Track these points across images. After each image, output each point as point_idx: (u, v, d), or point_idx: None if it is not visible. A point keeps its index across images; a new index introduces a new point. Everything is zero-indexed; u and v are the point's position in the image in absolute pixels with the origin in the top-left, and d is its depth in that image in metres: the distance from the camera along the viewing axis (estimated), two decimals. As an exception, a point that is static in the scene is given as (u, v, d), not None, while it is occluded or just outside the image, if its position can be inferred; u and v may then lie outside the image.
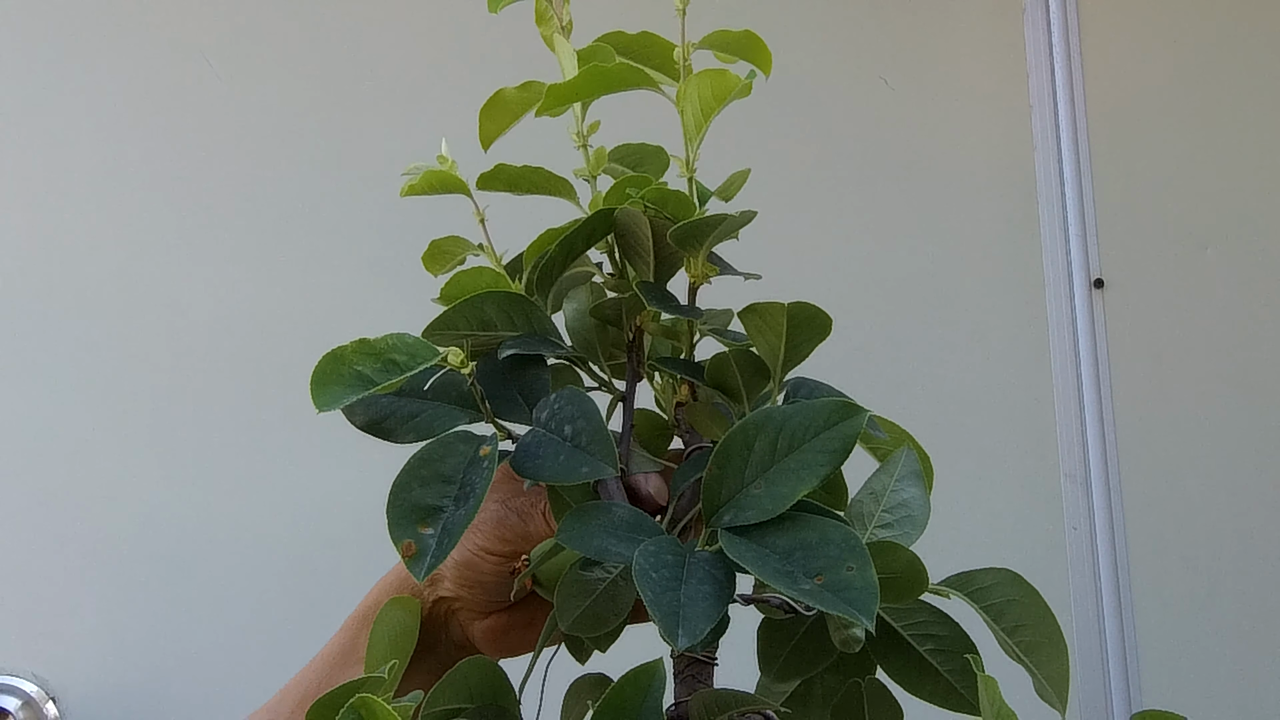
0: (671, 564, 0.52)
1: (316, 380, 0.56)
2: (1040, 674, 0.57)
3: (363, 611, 0.72)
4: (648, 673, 0.53)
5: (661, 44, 0.63)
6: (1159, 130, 2.04)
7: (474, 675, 0.64)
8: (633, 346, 0.64)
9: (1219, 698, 1.90)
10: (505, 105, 0.62)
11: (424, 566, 0.54)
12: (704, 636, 0.49)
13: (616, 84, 0.61)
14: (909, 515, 0.60)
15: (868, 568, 0.50)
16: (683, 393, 0.64)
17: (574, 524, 0.56)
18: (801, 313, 0.60)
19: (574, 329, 0.65)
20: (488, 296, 0.60)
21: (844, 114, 1.98)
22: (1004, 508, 1.90)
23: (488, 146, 0.64)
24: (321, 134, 1.79)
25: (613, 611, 0.63)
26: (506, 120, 0.63)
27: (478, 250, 0.65)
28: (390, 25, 1.85)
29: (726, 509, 0.55)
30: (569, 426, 0.58)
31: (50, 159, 1.72)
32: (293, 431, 1.69)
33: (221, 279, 1.73)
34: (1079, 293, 1.96)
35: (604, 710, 0.52)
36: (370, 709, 0.51)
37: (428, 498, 0.56)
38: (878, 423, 0.64)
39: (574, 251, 0.62)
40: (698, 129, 0.61)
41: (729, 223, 0.59)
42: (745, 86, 0.59)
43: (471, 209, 0.64)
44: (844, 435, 0.54)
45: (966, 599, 0.58)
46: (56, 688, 1.58)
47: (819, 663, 0.62)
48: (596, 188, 0.65)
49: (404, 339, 0.58)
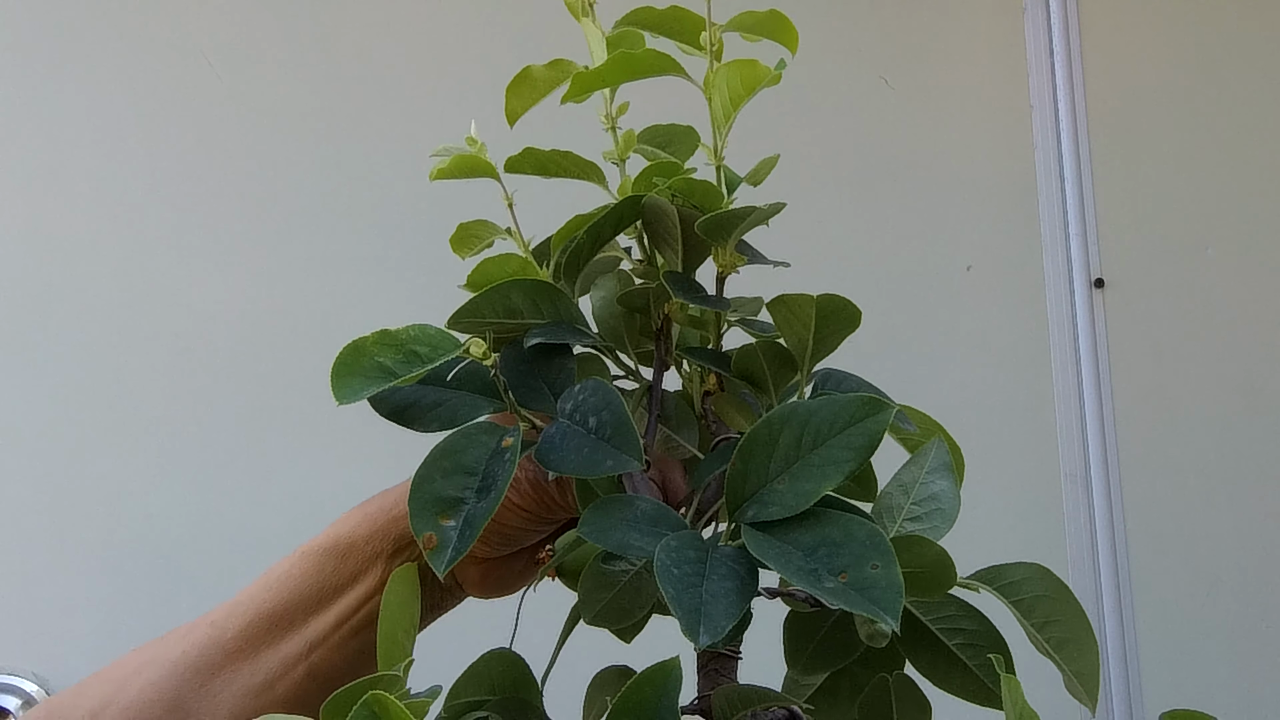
0: (694, 560, 0.52)
1: (337, 372, 0.55)
2: (1070, 670, 0.56)
3: (332, 543, 0.69)
4: (664, 671, 0.53)
5: (691, 18, 0.62)
6: (1159, 130, 2.05)
7: (496, 667, 0.63)
8: (660, 335, 0.63)
9: (1219, 698, 1.90)
10: (532, 82, 0.61)
11: (444, 559, 0.54)
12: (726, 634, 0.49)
13: (644, 71, 0.60)
14: (939, 508, 0.59)
15: (892, 566, 0.49)
16: (710, 382, 0.64)
17: (596, 517, 0.55)
18: (830, 305, 0.60)
19: (601, 317, 0.65)
20: (514, 284, 0.60)
21: (844, 114, 1.98)
22: (1004, 508, 1.90)
23: (514, 123, 0.63)
24: (321, 134, 1.79)
25: (637, 604, 0.62)
26: (534, 97, 0.62)
27: (505, 234, 0.64)
28: (391, 25, 1.84)
29: (750, 504, 0.54)
30: (593, 418, 0.57)
31: (50, 159, 1.71)
32: (293, 431, 1.68)
33: (222, 279, 1.72)
34: (1079, 293, 1.96)
35: (620, 709, 0.52)
36: (384, 706, 0.50)
37: (449, 489, 0.56)
38: (907, 414, 0.64)
39: (602, 238, 0.61)
40: (726, 118, 0.61)
41: (756, 214, 0.59)
42: (775, 76, 0.59)
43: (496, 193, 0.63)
44: (869, 431, 0.53)
45: (996, 593, 0.58)
46: (56, 687, 1.56)
47: (846, 656, 0.61)
48: (625, 172, 0.64)
49: (426, 330, 0.57)
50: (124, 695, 0.66)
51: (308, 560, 0.69)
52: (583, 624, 0.64)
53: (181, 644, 0.68)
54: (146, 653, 0.69)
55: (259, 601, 0.68)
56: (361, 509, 0.70)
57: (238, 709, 0.67)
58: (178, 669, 0.67)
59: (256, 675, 0.67)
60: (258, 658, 0.67)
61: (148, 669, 0.67)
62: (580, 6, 0.61)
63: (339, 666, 0.69)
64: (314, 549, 0.69)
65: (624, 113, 0.64)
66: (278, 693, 0.67)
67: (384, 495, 0.70)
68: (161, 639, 0.70)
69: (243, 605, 0.69)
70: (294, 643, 0.68)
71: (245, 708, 0.67)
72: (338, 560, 0.69)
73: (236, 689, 0.67)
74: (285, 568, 0.69)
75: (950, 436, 0.63)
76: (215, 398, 1.69)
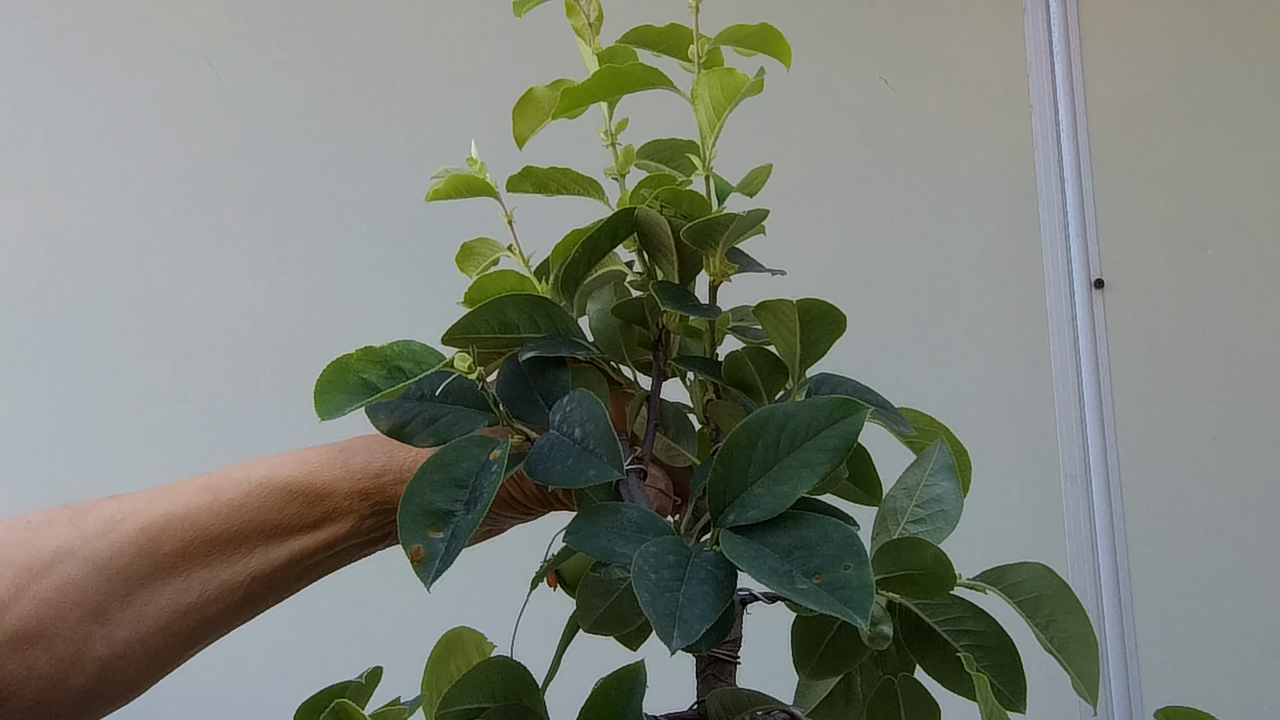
0: (673, 565, 0.52)
1: (320, 389, 0.56)
2: (1072, 669, 0.57)
3: (302, 486, 0.67)
4: (629, 675, 0.53)
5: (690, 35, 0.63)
6: (1159, 130, 2.05)
7: (496, 674, 0.63)
8: (658, 345, 0.64)
9: (1219, 697, 1.90)
10: (536, 103, 0.62)
11: (432, 571, 0.54)
12: (700, 638, 0.49)
13: (631, 84, 0.60)
14: (941, 510, 0.59)
15: (864, 567, 0.50)
16: (710, 391, 0.64)
17: (582, 524, 0.56)
18: (814, 309, 0.60)
19: (598, 329, 0.65)
20: (509, 299, 0.60)
21: (844, 114, 1.98)
22: (1004, 508, 1.90)
23: (522, 145, 0.64)
24: (321, 134, 1.79)
25: (635, 610, 0.62)
26: (539, 118, 0.63)
27: (508, 251, 0.64)
28: (391, 26, 1.84)
29: (731, 508, 0.55)
30: (578, 429, 0.58)
31: (50, 159, 1.71)
32: (293, 432, 1.68)
33: (222, 279, 1.73)
34: (1079, 293, 1.96)
35: (587, 714, 0.52)
36: (349, 715, 0.51)
37: (439, 502, 0.56)
38: (911, 416, 0.64)
39: (599, 252, 0.62)
40: (711, 127, 0.61)
41: (741, 221, 0.59)
42: (756, 84, 0.59)
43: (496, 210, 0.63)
44: (844, 433, 0.54)
45: (1002, 594, 0.58)
46: (58, 689, 1.57)
47: (853, 660, 0.61)
48: (625, 186, 0.64)
49: (410, 345, 0.58)
50: (40, 586, 0.62)
51: (267, 494, 0.67)
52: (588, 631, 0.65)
53: (104, 540, 0.64)
54: (59, 533, 0.64)
55: (203, 524, 0.66)
56: (342, 460, 0.68)
57: (164, 623, 0.65)
58: (103, 573, 0.64)
59: (189, 594, 0.65)
60: (190, 576, 0.65)
61: (65, 562, 0.63)
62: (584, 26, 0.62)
63: (279, 596, 0.68)
64: (277, 484, 0.67)
65: (624, 129, 0.64)
66: (209, 614, 0.66)
67: (368, 451, 0.68)
68: (71, 520, 0.65)
69: (181, 520, 0.66)
70: (235, 570, 0.66)
71: (172, 624, 0.65)
72: (304, 504, 0.67)
73: (164, 603, 0.65)
74: (236, 495, 0.67)
75: (956, 439, 0.64)
76: (215, 398, 1.69)
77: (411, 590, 0.57)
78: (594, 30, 0.62)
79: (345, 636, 1.66)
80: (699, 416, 0.66)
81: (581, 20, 0.61)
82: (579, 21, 0.61)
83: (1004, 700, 0.57)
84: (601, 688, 0.52)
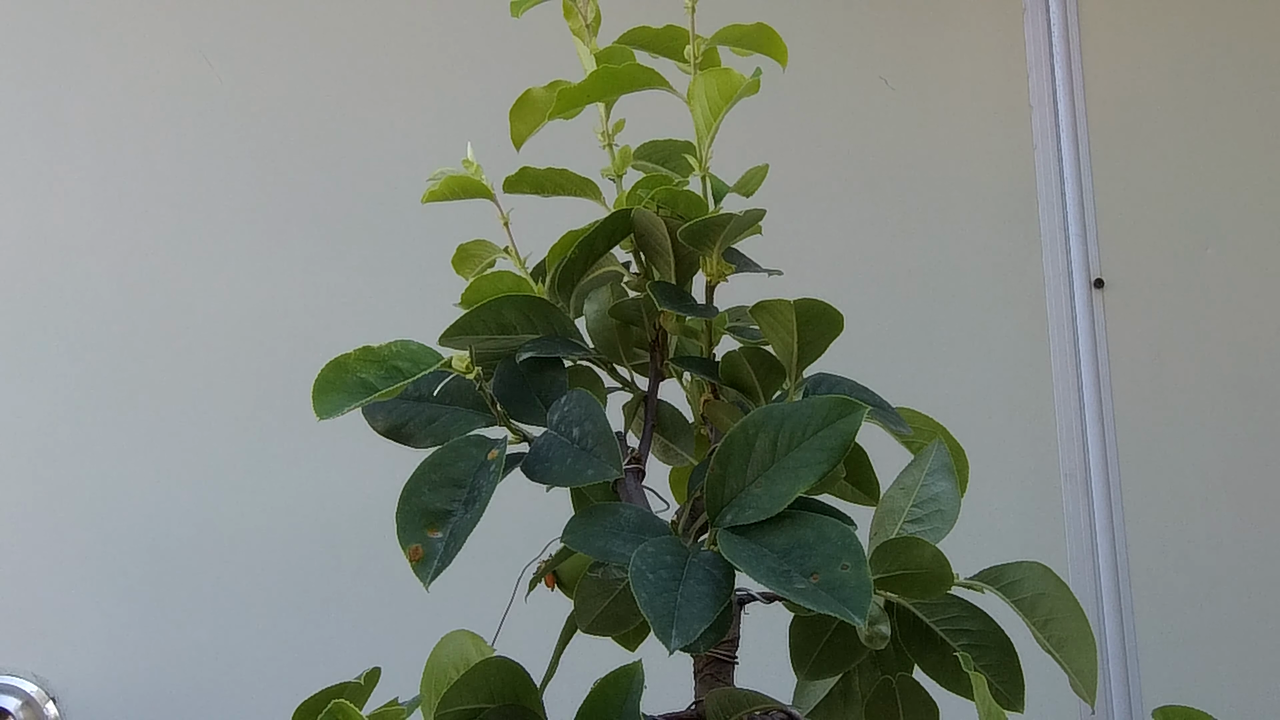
0: (671, 565, 0.52)
1: (318, 388, 0.56)
2: (1070, 668, 0.57)
3: None
4: (626, 675, 0.53)
5: (685, 36, 0.63)
6: (1159, 130, 2.04)
7: (494, 675, 0.63)
8: (655, 346, 0.64)
9: (1219, 697, 1.90)
10: (534, 105, 0.62)
11: (430, 571, 0.54)
12: (698, 638, 0.49)
13: (628, 85, 0.60)
14: (939, 510, 0.60)
15: (862, 566, 0.50)
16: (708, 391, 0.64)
17: (579, 525, 0.56)
18: (811, 309, 0.60)
19: (595, 330, 0.65)
20: (506, 300, 0.60)
21: (843, 113, 1.98)
22: (1004, 508, 1.90)
23: (520, 146, 0.64)
24: (320, 134, 1.79)
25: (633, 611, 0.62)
26: (537, 119, 0.63)
27: (504, 253, 0.64)
28: (390, 25, 1.84)
29: (729, 508, 0.55)
30: (576, 429, 0.58)
31: (50, 159, 1.71)
32: (293, 432, 1.69)
33: (222, 279, 1.73)
34: (1079, 293, 1.96)
35: (585, 714, 0.52)
36: (347, 716, 0.51)
37: (437, 502, 0.57)
38: (909, 416, 0.64)
39: (595, 253, 0.62)
40: (708, 127, 0.61)
41: (737, 221, 0.59)
42: (752, 84, 0.59)
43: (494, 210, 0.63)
44: (842, 432, 0.54)
45: (999, 593, 0.58)
46: (56, 688, 1.57)
47: (851, 660, 0.62)
48: (622, 187, 0.64)
49: (408, 345, 0.58)
50: None
51: None
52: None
53: None
54: None
55: None
56: None
57: None
58: None
59: None
60: None
61: None
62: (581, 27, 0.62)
63: None
64: None
65: (620, 129, 0.64)
66: None
67: None
68: None
69: None
70: None
71: None
72: None
73: None
74: None
75: (954, 439, 0.64)
76: (215, 398, 1.69)
77: (411, 591, 0.57)
78: (591, 31, 0.62)
79: (345, 636, 1.66)
80: (696, 417, 0.66)
81: (579, 21, 0.61)
82: (576, 23, 0.61)
83: (1002, 699, 0.57)
84: (599, 688, 0.52)
